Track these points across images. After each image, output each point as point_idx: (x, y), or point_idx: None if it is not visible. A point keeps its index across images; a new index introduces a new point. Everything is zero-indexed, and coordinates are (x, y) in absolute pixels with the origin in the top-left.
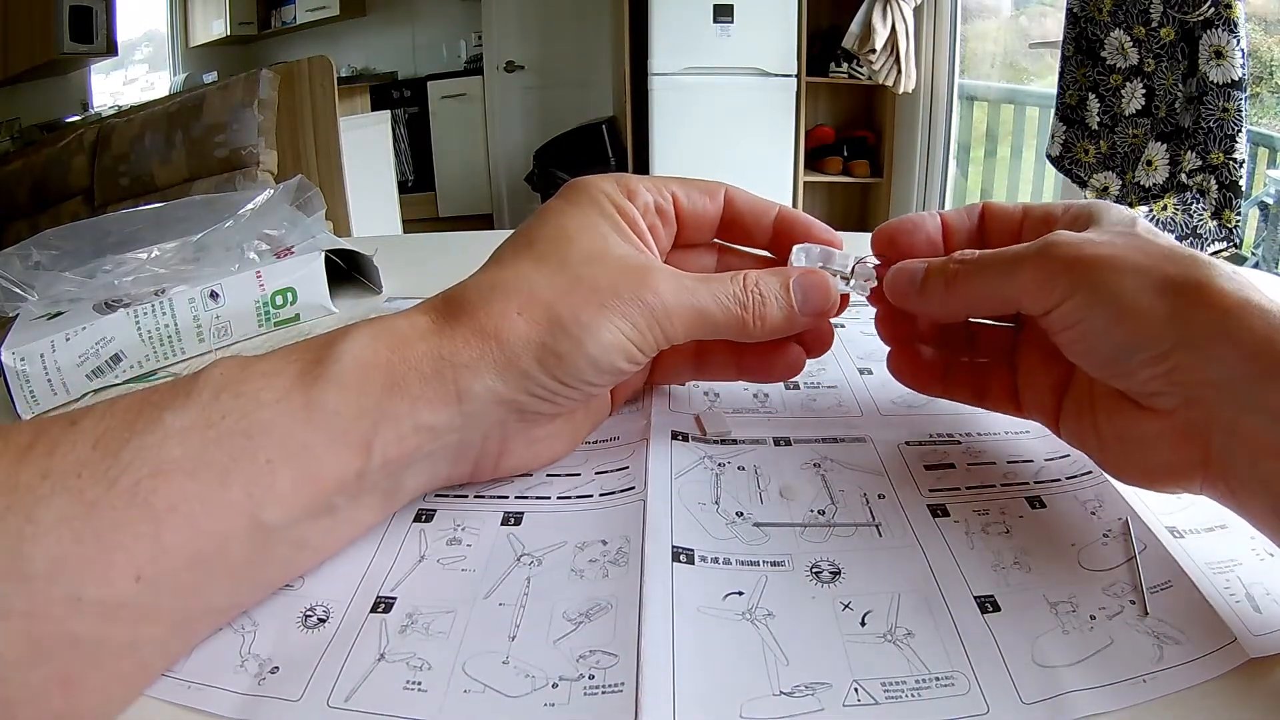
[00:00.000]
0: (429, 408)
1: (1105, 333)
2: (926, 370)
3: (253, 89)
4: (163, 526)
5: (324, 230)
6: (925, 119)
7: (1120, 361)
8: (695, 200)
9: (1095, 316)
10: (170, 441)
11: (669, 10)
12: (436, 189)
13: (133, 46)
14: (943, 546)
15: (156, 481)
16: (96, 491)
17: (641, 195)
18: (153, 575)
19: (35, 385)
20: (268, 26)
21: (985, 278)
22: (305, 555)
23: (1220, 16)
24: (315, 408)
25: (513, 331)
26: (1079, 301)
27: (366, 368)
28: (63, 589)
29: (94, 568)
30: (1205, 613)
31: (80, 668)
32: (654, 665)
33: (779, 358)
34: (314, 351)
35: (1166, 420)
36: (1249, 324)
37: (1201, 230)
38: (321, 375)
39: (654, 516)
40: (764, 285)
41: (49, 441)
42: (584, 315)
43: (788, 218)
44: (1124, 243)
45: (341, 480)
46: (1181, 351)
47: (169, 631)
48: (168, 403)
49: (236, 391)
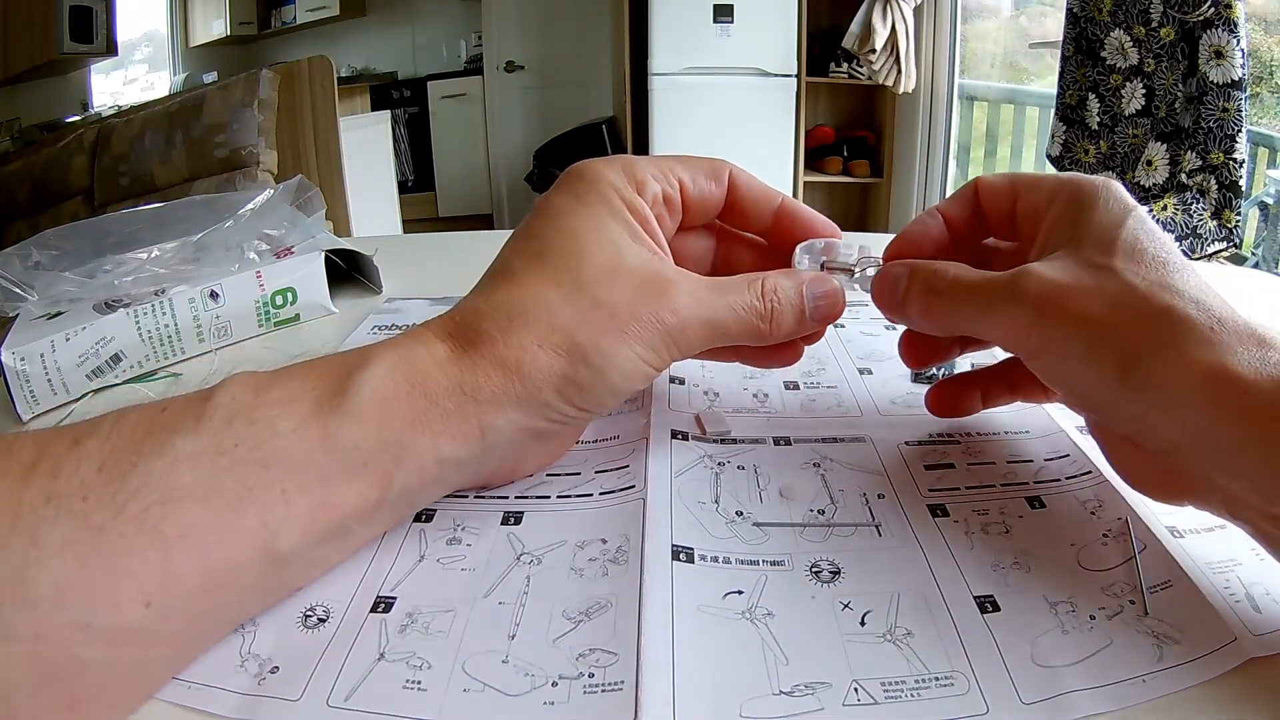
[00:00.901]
0: (451, 442)
1: (1076, 392)
2: (962, 396)
3: (253, 89)
4: (173, 553)
5: (324, 230)
6: (925, 119)
7: (1095, 411)
8: (701, 186)
9: (1065, 378)
10: (180, 467)
11: (669, 10)
12: (436, 189)
13: (133, 46)
14: (942, 546)
15: (166, 508)
16: (103, 516)
17: (650, 186)
18: (163, 602)
19: (35, 385)
20: (268, 26)
21: (960, 314)
22: (315, 572)
23: (1220, 16)
24: (333, 439)
25: (534, 365)
26: (1048, 361)
27: (387, 401)
28: (70, 615)
29: (102, 594)
30: (1205, 613)
31: (88, 690)
32: (654, 664)
33: (781, 347)
34: (331, 379)
35: (1151, 459)
36: (1220, 392)
37: (1201, 230)
38: (339, 407)
39: (654, 515)
40: (781, 292)
41: (53, 461)
42: (604, 343)
43: (789, 209)
44: (1095, 288)
45: (359, 509)
46: (1154, 414)
47: (178, 651)
48: (177, 425)
49: (250, 418)
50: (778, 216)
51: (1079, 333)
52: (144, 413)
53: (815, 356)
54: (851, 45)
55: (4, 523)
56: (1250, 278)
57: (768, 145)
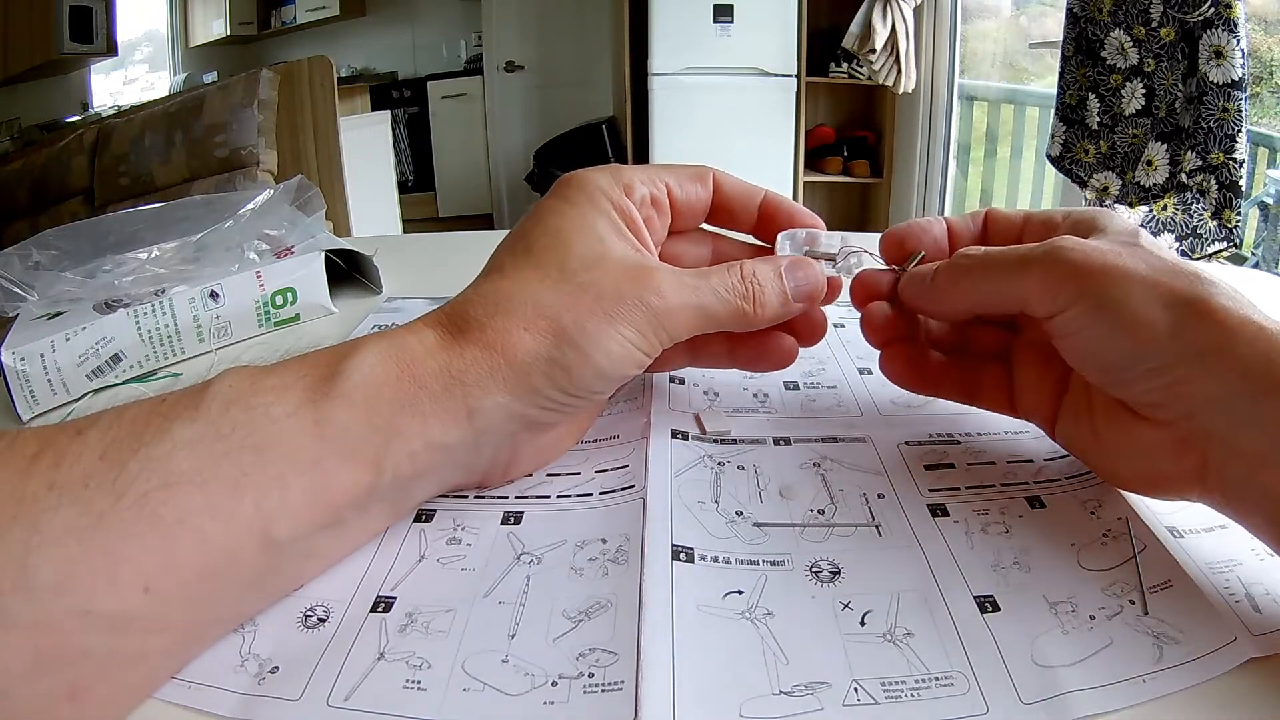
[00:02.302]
0: (440, 425)
1: (1107, 342)
2: (917, 368)
3: (253, 89)
4: (172, 539)
5: (324, 230)
6: (925, 119)
7: (1121, 371)
8: (687, 189)
9: (1099, 325)
10: (179, 453)
11: (669, 10)
12: (436, 189)
13: (133, 46)
14: (942, 546)
15: (166, 494)
16: (104, 503)
17: (637, 189)
18: (161, 588)
19: (35, 385)
20: (268, 26)
21: (994, 275)
22: (312, 564)
23: (1220, 16)
24: (326, 423)
25: (520, 348)
26: (1083, 309)
27: (377, 385)
28: (70, 601)
29: (102, 580)
30: (1205, 613)
31: (88, 679)
32: (653, 664)
33: (773, 347)
34: (323, 367)
35: (1165, 430)
36: (1249, 342)
37: (1201, 230)
38: (331, 392)
39: (654, 515)
40: (760, 274)
41: (55, 452)
42: (589, 326)
43: (772, 202)
44: (1129, 253)
45: (353, 495)
46: (1182, 366)
47: (177, 642)
48: (176, 414)
49: (247, 405)
50: (762, 211)
51: (1117, 280)
52: (144, 405)
53: (815, 357)
54: (851, 45)
55: (6, 511)
56: (1250, 278)
57: (768, 145)
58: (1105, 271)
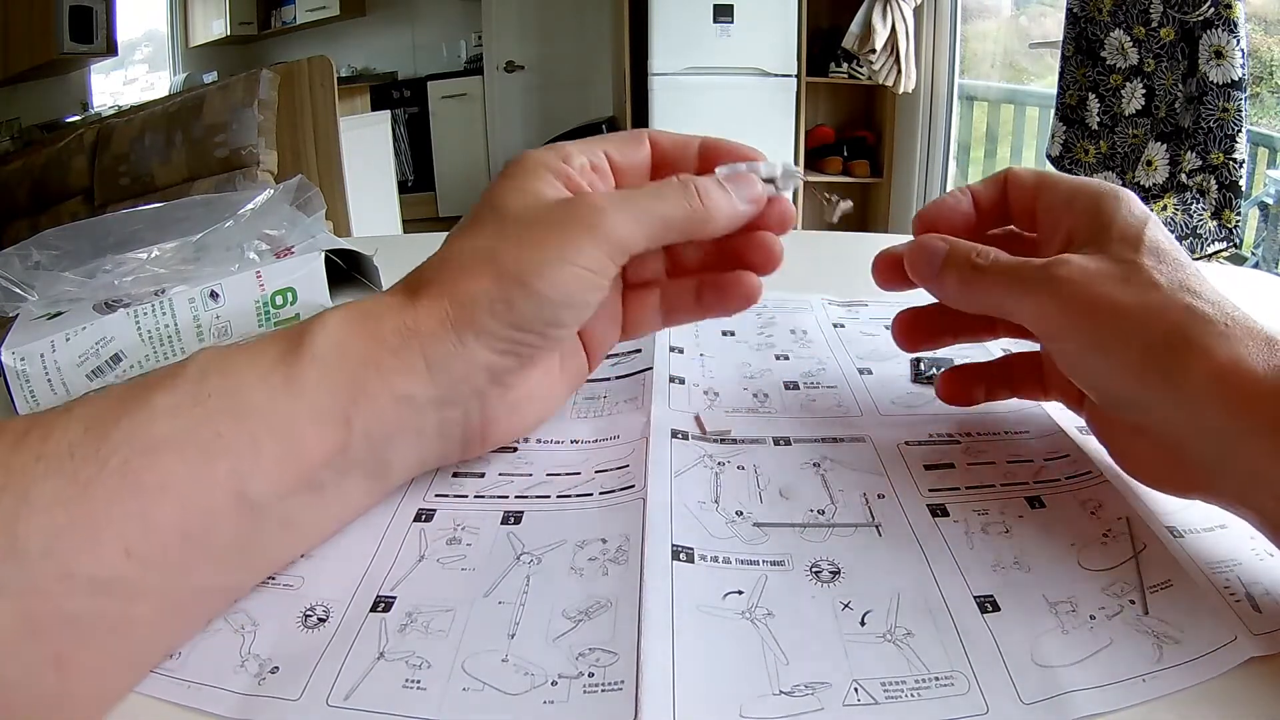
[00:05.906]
0: (401, 378)
1: (1096, 379)
2: (966, 390)
3: (253, 89)
4: (151, 503)
5: (324, 230)
6: (925, 119)
7: (1111, 404)
8: (626, 152)
9: (1087, 364)
10: (159, 420)
11: (669, 10)
12: (436, 189)
13: (133, 46)
14: (942, 546)
15: (146, 459)
16: (89, 471)
17: (575, 159)
18: (142, 551)
19: (35, 385)
20: (268, 26)
21: (996, 292)
22: (294, 535)
23: (1220, 16)
24: (295, 382)
25: (465, 291)
26: (1074, 346)
27: (341, 345)
28: (55, 566)
29: (85, 544)
30: (1205, 612)
31: (73, 646)
32: (654, 664)
33: (735, 287)
34: (293, 335)
35: (1161, 450)
36: (1237, 384)
37: (1201, 230)
38: (301, 355)
39: (654, 515)
40: (700, 181)
41: (44, 427)
42: (526, 256)
43: (710, 145)
44: (1123, 281)
45: (325, 455)
46: (1170, 407)
47: (159, 611)
48: (156, 384)
49: (222, 371)
50: (701, 154)
51: (1105, 320)
52: (129, 382)
53: (815, 356)
54: (851, 45)
55: None
56: (1250, 278)
57: (768, 145)
58: (1095, 310)
